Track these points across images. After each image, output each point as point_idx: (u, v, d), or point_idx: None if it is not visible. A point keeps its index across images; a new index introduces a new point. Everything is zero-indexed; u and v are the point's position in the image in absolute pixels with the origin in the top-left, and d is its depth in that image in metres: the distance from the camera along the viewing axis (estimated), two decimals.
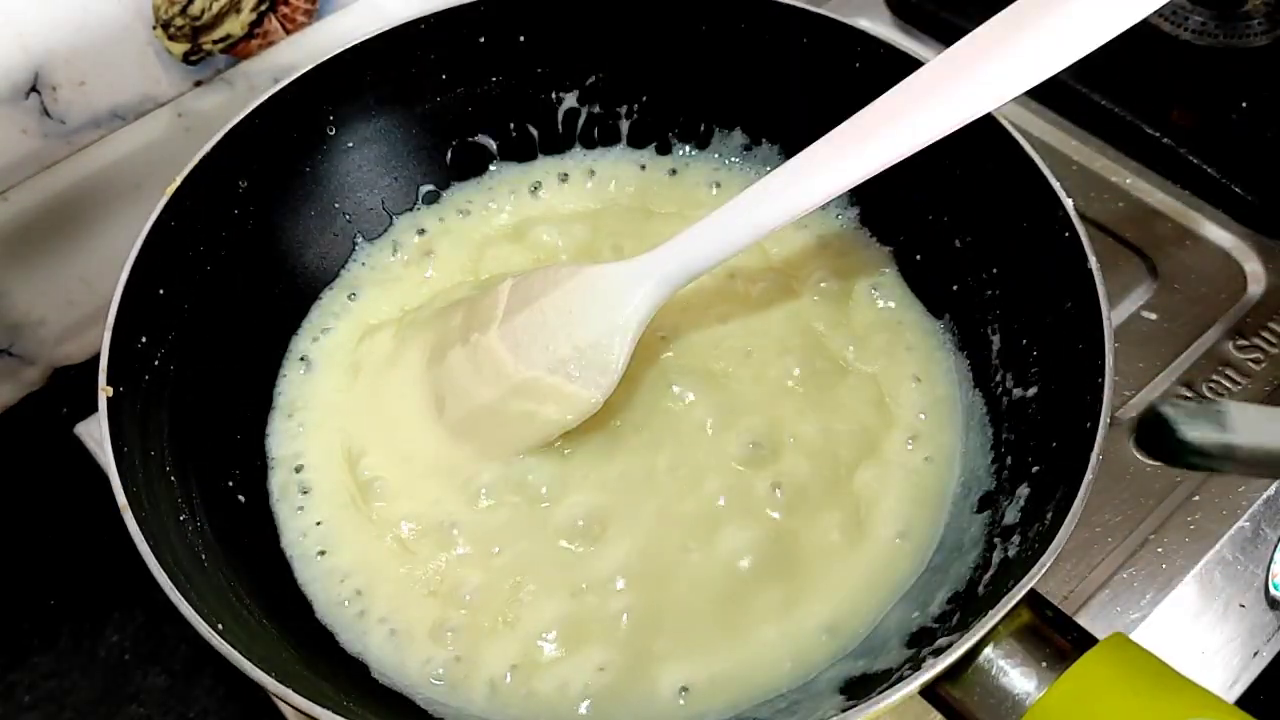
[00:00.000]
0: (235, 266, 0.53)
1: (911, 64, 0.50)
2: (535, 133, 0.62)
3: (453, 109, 0.59)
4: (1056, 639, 0.38)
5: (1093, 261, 0.45)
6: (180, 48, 0.61)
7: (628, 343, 0.49)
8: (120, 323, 0.45)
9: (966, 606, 0.42)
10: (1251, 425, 0.26)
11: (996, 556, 0.44)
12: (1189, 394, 0.28)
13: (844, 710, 0.36)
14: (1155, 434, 0.28)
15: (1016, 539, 0.43)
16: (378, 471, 0.51)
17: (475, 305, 0.53)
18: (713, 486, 0.49)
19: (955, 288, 0.54)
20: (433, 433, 0.51)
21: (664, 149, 0.62)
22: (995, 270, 0.52)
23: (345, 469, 0.52)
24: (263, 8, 0.62)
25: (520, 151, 0.62)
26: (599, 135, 0.62)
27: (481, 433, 0.51)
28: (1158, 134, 0.67)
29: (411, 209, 0.60)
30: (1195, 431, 0.27)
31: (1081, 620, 0.39)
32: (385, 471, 0.51)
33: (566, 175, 0.62)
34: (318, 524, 0.50)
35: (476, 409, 0.51)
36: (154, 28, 0.59)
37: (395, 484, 0.51)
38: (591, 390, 0.49)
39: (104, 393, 0.43)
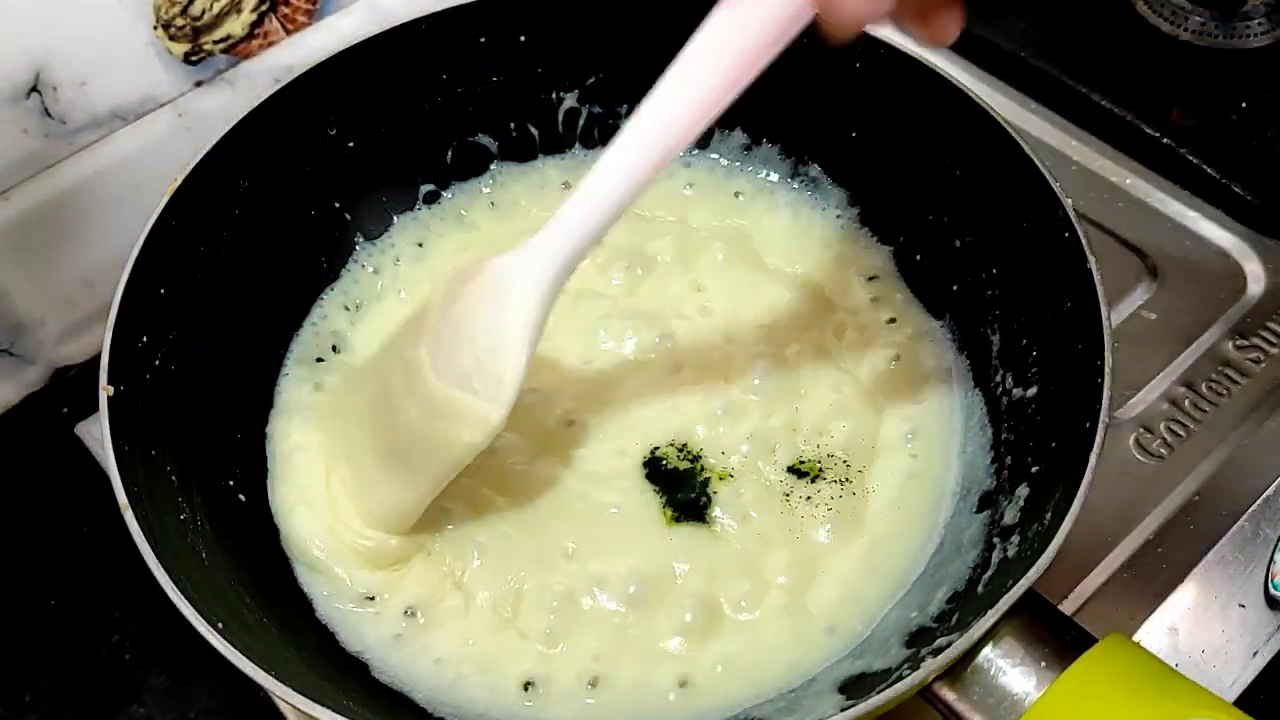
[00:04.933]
0: (235, 266, 0.53)
1: (911, 63, 0.50)
2: (535, 133, 0.62)
3: (453, 109, 0.59)
4: (1055, 639, 0.38)
5: (1092, 261, 0.45)
6: (181, 48, 0.61)
7: (521, 346, 0.41)
8: (121, 322, 0.45)
9: (965, 606, 0.42)
10: None
11: (996, 556, 0.44)
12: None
13: (843, 710, 0.36)
14: None
15: (1016, 539, 0.43)
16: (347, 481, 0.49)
17: (422, 311, 0.46)
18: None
19: (955, 288, 0.54)
20: (374, 454, 0.47)
21: None
22: (995, 270, 0.52)
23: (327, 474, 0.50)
24: (263, 8, 0.62)
25: (520, 151, 0.62)
26: (599, 135, 0.62)
27: (410, 459, 0.45)
28: (1158, 134, 0.67)
29: (412, 209, 0.60)
30: None
31: (1081, 620, 0.39)
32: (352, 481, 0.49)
33: (566, 176, 0.62)
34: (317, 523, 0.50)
35: (404, 433, 0.45)
36: (154, 28, 0.59)
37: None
38: (491, 405, 0.42)
39: (105, 392, 0.43)
